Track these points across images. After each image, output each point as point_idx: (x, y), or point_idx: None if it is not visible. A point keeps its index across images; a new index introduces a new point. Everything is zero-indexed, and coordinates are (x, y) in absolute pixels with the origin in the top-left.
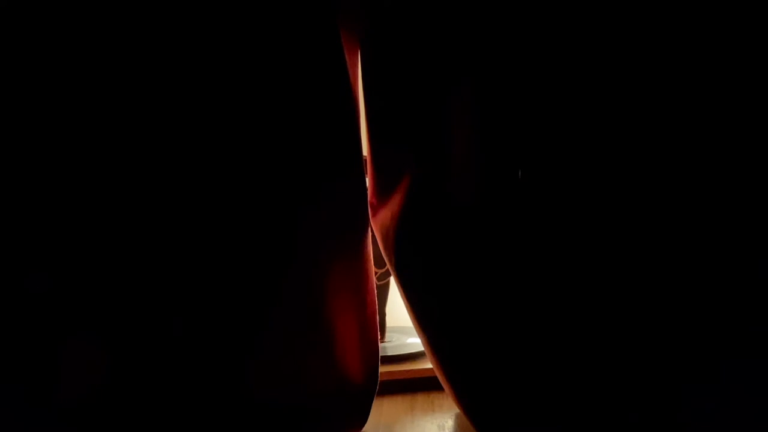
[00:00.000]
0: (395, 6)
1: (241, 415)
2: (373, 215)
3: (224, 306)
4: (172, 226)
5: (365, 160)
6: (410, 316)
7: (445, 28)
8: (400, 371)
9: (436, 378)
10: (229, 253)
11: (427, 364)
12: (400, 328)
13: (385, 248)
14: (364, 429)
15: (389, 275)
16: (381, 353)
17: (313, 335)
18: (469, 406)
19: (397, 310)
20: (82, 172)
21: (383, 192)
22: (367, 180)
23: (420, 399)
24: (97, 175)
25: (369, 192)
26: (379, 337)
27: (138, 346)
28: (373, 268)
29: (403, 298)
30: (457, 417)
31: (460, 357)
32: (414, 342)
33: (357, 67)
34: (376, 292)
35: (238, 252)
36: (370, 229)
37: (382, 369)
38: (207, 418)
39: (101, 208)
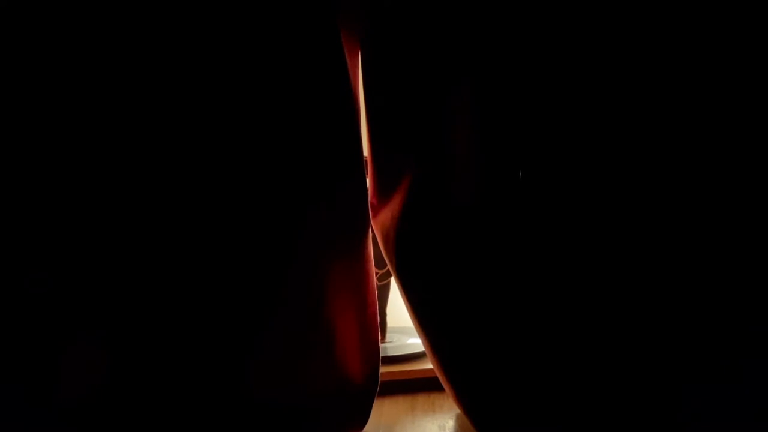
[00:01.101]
0: (395, 6)
1: (241, 415)
2: (374, 216)
3: (224, 306)
4: (172, 226)
5: (366, 160)
6: (411, 317)
7: (445, 28)
8: (400, 372)
9: (436, 378)
10: (229, 253)
11: (428, 365)
12: (401, 328)
13: (386, 249)
14: (364, 429)
15: (390, 276)
16: (382, 354)
17: (313, 335)
18: (470, 407)
19: (397, 311)
20: (83, 172)
21: (384, 192)
22: (368, 180)
23: (421, 399)
24: (98, 175)
25: (370, 192)
26: (379, 338)
27: (138, 346)
28: (373, 269)
29: (403, 299)
30: (458, 417)
31: (461, 357)
32: (415, 342)
33: (357, 68)
34: (376, 292)
35: (238, 252)
36: (370, 229)
37: (382, 369)
38: (207, 418)
39: (102, 207)
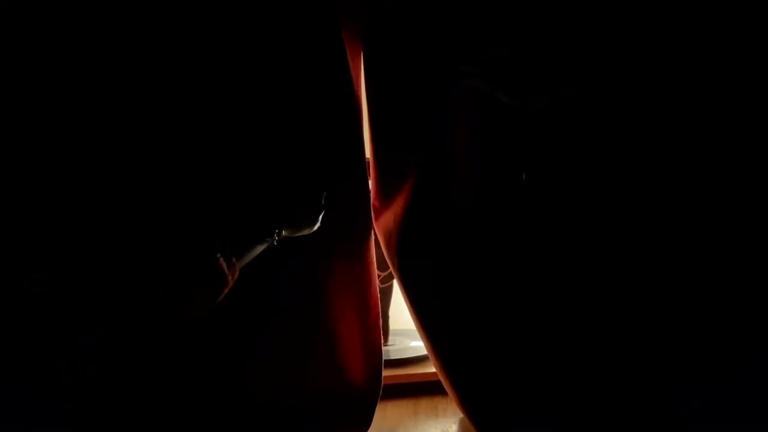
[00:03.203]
0: (395, 6)
1: (241, 415)
2: (376, 218)
3: (225, 306)
4: (172, 225)
5: (368, 162)
6: (413, 319)
7: (445, 28)
8: (403, 375)
9: (440, 382)
10: None
11: (431, 368)
12: (404, 331)
13: (388, 251)
14: None
15: (392, 278)
16: (384, 356)
17: (313, 336)
18: (472, 409)
19: (400, 313)
20: (84, 173)
21: (386, 194)
22: (370, 183)
23: (424, 403)
24: (99, 176)
25: (372, 195)
26: (382, 340)
27: (138, 346)
28: (375, 271)
29: (406, 301)
30: (461, 422)
31: (463, 360)
32: (418, 345)
33: (360, 69)
34: (379, 294)
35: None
36: (373, 231)
37: (385, 372)
38: (207, 418)
39: (103, 208)
